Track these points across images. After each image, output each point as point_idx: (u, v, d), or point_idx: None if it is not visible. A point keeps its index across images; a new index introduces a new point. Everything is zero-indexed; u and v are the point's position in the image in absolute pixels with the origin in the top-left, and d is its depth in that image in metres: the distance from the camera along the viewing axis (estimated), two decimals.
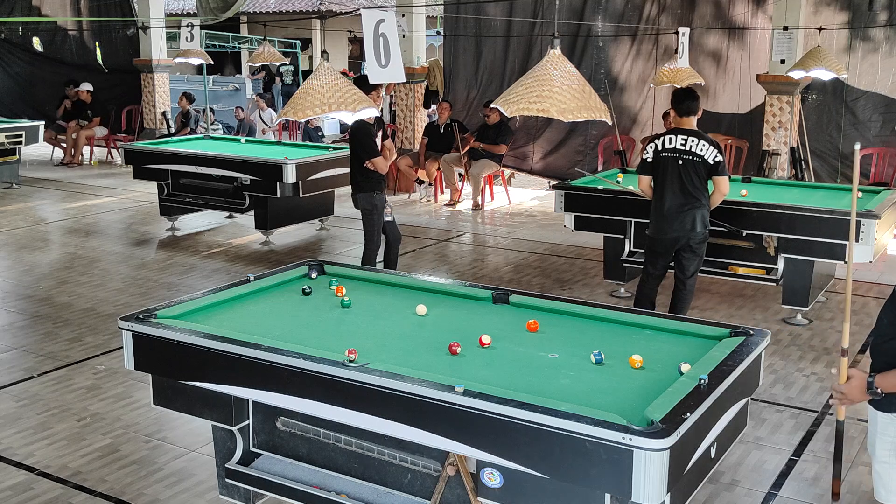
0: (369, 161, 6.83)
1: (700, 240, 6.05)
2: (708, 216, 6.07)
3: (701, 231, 6.02)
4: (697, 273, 6.22)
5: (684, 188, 5.93)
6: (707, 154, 5.90)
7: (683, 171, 5.93)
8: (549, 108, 3.91)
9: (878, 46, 9.78)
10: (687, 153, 5.93)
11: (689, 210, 5.93)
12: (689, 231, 5.97)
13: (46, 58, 16.33)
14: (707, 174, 5.93)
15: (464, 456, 3.16)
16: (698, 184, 5.93)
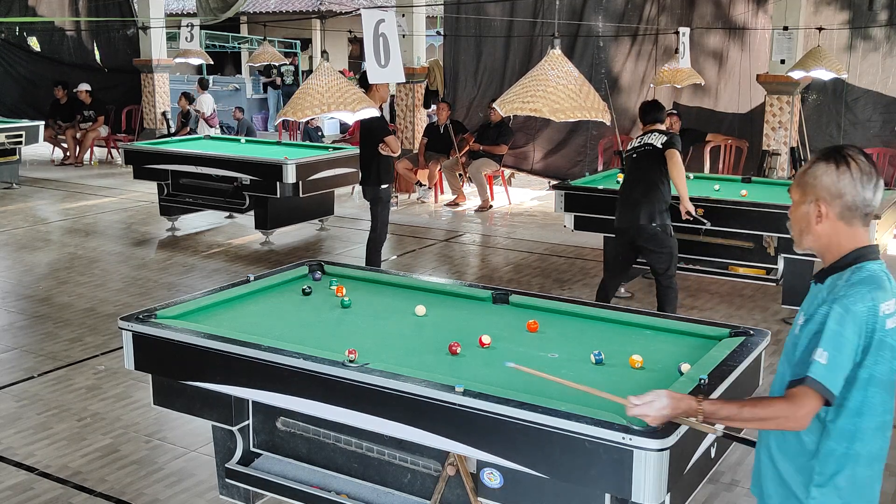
0: (383, 143, 7.02)
1: (650, 234, 6.08)
2: (663, 212, 6.10)
3: (647, 225, 6.07)
4: (671, 271, 6.22)
5: (638, 182, 6.12)
6: (656, 141, 6.10)
7: (638, 165, 6.15)
8: (541, 108, 3.91)
9: (878, 46, 9.79)
10: (641, 146, 6.18)
11: (638, 203, 6.06)
12: (636, 223, 6.08)
13: (46, 58, 16.33)
14: (661, 160, 6.06)
15: (464, 456, 3.16)
16: (653, 177, 6.06)
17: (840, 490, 2.30)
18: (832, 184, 2.26)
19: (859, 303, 2.21)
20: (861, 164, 2.25)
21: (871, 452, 2.30)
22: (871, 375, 2.24)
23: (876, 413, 2.28)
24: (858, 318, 2.19)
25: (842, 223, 2.29)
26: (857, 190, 2.25)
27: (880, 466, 2.35)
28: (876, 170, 2.28)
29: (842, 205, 2.27)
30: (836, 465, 2.30)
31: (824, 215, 2.30)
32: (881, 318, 2.21)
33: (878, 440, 2.31)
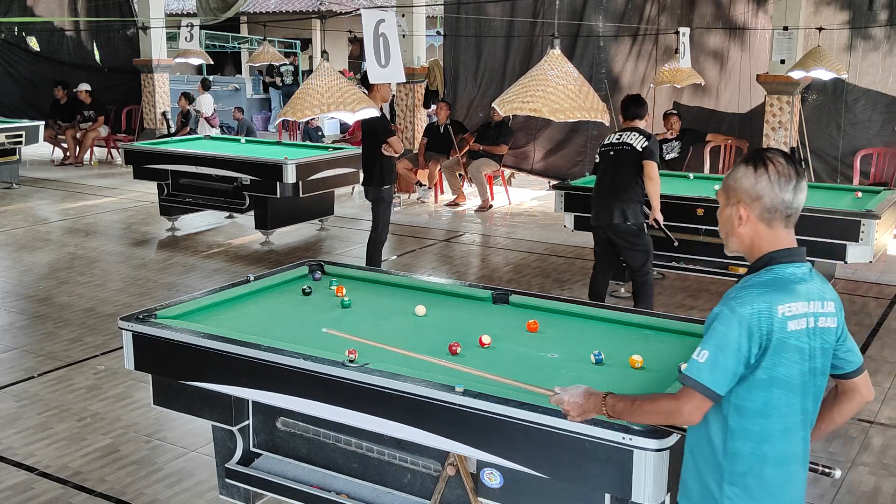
0: (386, 142, 7.05)
1: (624, 232, 6.19)
2: (637, 210, 6.21)
3: (621, 223, 6.18)
4: (647, 267, 6.34)
5: (613, 180, 6.20)
6: (636, 143, 6.17)
7: (614, 163, 6.23)
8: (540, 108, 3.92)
9: (878, 45, 9.78)
10: (619, 144, 6.26)
11: (612, 201, 6.15)
12: (610, 221, 6.19)
13: (46, 58, 16.33)
14: (638, 162, 6.13)
15: (464, 456, 3.16)
16: (628, 175, 6.15)
17: (750, 490, 2.32)
18: (751, 186, 2.30)
19: (747, 305, 2.22)
20: (779, 167, 2.28)
21: (780, 454, 2.31)
22: (773, 377, 2.25)
23: (782, 415, 2.29)
24: (744, 320, 2.21)
25: (762, 225, 2.31)
26: (775, 192, 2.28)
27: (795, 468, 2.35)
28: (797, 172, 2.30)
29: (761, 207, 2.30)
30: (744, 464, 2.31)
31: (745, 218, 2.32)
32: (779, 320, 2.22)
33: (788, 442, 2.32)
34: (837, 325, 2.35)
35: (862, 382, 2.44)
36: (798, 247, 2.33)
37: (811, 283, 2.30)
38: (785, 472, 2.33)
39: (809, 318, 2.27)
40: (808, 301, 2.27)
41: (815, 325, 2.29)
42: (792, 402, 2.29)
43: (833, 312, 2.33)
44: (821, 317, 2.30)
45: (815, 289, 2.31)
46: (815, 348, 2.30)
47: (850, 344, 2.41)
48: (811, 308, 2.28)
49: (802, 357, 2.27)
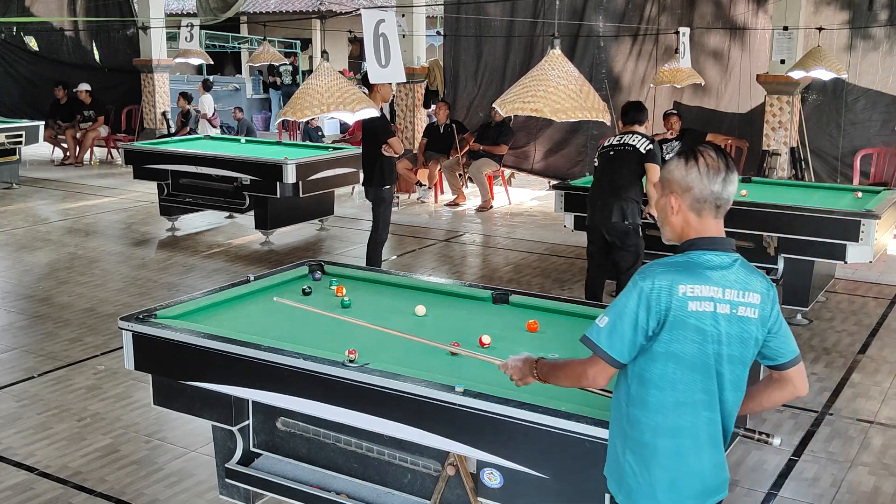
0: (386, 143, 7.06)
1: (621, 232, 6.22)
2: (635, 211, 6.24)
3: (619, 223, 6.19)
4: (634, 269, 6.33)
5: (612, 180, 6.21)
6: (639, 144, 6.20)
7: (614, 162, 6.24)
8: (542, 108, 3.92)
9: (878, 45, 9.78)
10: (620, 145, 6.27)
11: (610, 201, 6.17)
12: (607, 221, 6.22)
13: (46, 58, 16.33)
14: (640, 163, 6.16)
15: (464, 456, 3.16)
16: (628, 175, 6.18)
17: (644, 459, 2.42)
18: (682, 178, 2.42)
19: (649, 279, 2.35)
20: (709, 160, 2.40)
21: (672, 427, 2.40)
22: (669, 351, 2.36)
23: (677, 389, 2.38)
24: (643, 293, 2.34)
25: (692, 214, 2.43)
26: (704, 183, 2.39)
27: (691, 444, 2.42)
28: (727, 165, 2.41)
29: (691, 197, 2.41)
30: (641, 432, 2.42)
31: (676, 208, 2.44)
32: (679, 298, 2.33)
33: (681, 416, 2.39)
34: (761, 316, 2.42)
35: (794, 375, 2.52)
36: (725, 237, 2.43)
37: (729, 272, 2.39)
38: (677, 445, 2.41)
39: (718, 304, 2.36)
40: (719, 287, 2.36)
41: (731, 312, 2.37)
42: (690, 380, 2.38)
43: (756, 304, 2.40)
44: (740, 305, 2.38)
45: (735, 278, 2.39)
46: (728, 334, 2.38)
47: (783, 337, 2.49)
48: (720, 294, 2.36)
49: (704, 338, 2.36)
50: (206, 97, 14.31)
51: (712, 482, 2.47)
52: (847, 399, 5.43)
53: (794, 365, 2.51)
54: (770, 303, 2.44)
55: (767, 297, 2.43)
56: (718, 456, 2.47)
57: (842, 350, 6.27)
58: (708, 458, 2.45)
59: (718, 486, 2.50)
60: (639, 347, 2.38)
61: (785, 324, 2.49)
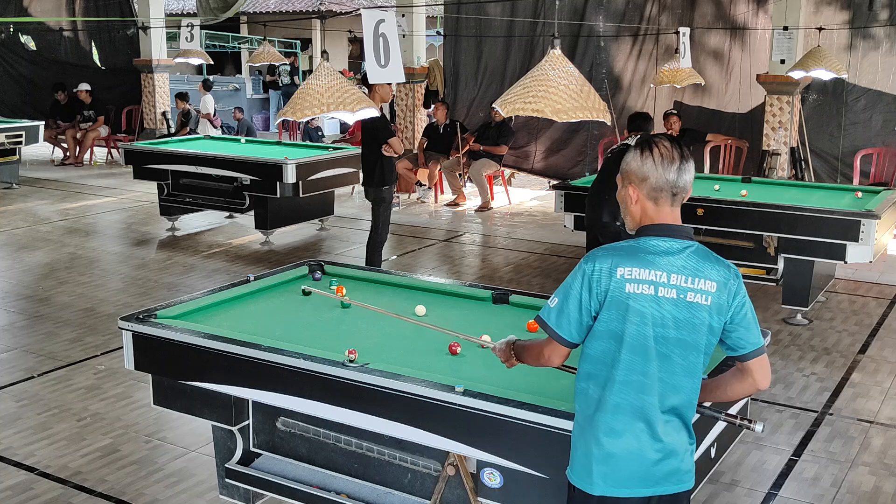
0: (387, 143, 7.07)
1: (613, 232, 6.21)
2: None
3: (610, 223, 6.24)
4: None
5: (605, 180, 6.23)
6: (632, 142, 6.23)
7: (610, 164, 6.29)
8: (543, 109, 3.92)
9: (878, 45, 9.78)
10: (616, 147, 6.38)
11: (603, 201, 6.20)
12: (599, 220, 6.28)
13: (45, 58, 16.32)
14: None
15: (464, 456, 3.16)
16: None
17: (584, 432, 2.53)
18: (638, 168, 2.51)
19: (591, 262, 2.48)
20: (663, 150, 2.49)
21: (610, 403, 2.48)
22: (608, 330, 2.46)
23: (616, 368, 2.46)
24: (584, 275, 2.47)
25: (650, 203, 2.52)
26: (659, 172, 2.48)
27: (628, 422, 2.47)
28: (681, 154, 2.50)
29: (648, 186, 2.50)
30: (584, 405, 2.54)
31: (635, 197, 2.54)
32: (617, 280, 2.43)
33: (619, 394, 2.47)
34: (716, 304, 2.45)
35: (754, 367, 2.54)
36: (679, 225, 2.51)
37: (677, 258, 2.46)
38: (615, 422, 2.48)
39: (661, 288, 2.43)
40: (663, 272, 2.43)
41: (679, 297, 2.43)
42: (628, 360, 2.46)
43: (709, 291, 2.44)
44: (688, 291, 2.44)
45: (683, 265, 2.45)
46: (676, 319, 2.44)
47: (746, 328, 2.51)
48: (664, 279, 2.43)
49: (644, 320, 2.44)
50: (206, 97, 14.33)
51: (656, 470, 2.49)
52: (847, 399, 5.43)
53: (755, 357, 2.53)
54: (730, 293, 2.47)
55: (725, 287, 2.46)
56: (662, 443, 2.49)
57: (842, 350, 6.27)
58: (648, 443, 2.48)
59: (668, 477, 2.51)
60: (586, 327, 2.50)
61: (750, 315, 2.51)
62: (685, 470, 2.54)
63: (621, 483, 2.49)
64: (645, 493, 2.50)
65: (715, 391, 2.66)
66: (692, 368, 2.49)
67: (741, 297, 2.49)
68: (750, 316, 2.51)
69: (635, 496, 2.49)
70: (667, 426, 2.49)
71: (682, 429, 2.53)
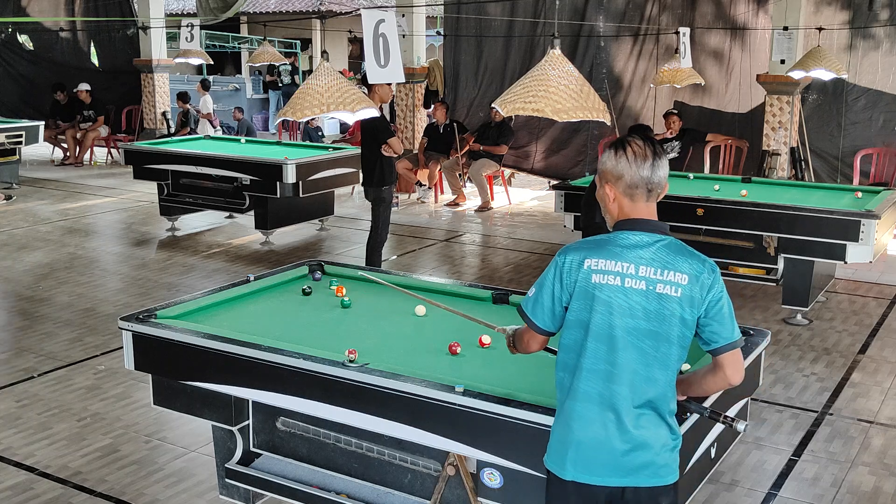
0: (386, 143, 7.08)
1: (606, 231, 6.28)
2: None
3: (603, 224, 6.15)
4: None
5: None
6: None
7: None
8: (543, 108, 3.92)
9: (879, 44, 9.78)
10: None
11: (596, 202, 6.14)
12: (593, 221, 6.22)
13: (45, 58, 16.31)
14: None
15: (464, 456, 3.16)
16: None
17: (558, 417, 2.61)
18: (613, 167, 2.58)
19: (563, 255, 2.58)
20: (636, 149, 2.55)
21: (578, 390, 2.54)
22: (577, 319, 2.54)
23: (584, 356, 2.53)
24: (557, 267, 2.57)
25: (626, 200, 2.58)
26: (633, 170, 2.54)
27: (595, 410, 2.52)
28: (654, 151, 2.56)
29: (624, 184, 2.56)
30: (561, 393, 2.61)
31: (612, 196, 2.61)
32: (584, 271, 2.52)
33: (586, 382, 2.53)
34: (687, 297, 2.48)
35: (726, 362, 2.57)
36: (652, 220, 2.57)
37: (646, 251, 2.51)
38: (583, 410, 2.53)
39: (628, 279, 2.49)
40: (631, 264, 2.49)
41: (648, 288, 2.48)
42: (595, 349, 2.52)
43: (680, 283, 2.48)
44: (658, 283, 2.48)
45: (653, 257, 2.50)
46: (645, 310, 2.48)
47: (720, 323, 2.53)
48: (632, 270, 2.49)
49: (611, 311, 2.49)
50: (205, 97, 14.32)
51: (626, 461, 2.51)
52: (847, 399, 5.43)
53: (727, 351, 2.55)
54: (703, 286, 2.50)
55: (697, 280, 2.49)
56: (630, 434, 2.51)
57: (842, 350, 6.27)
58: (616, 432, 2.51)
59: (641, 469, 2.52)
60: (559, 317, 2.59)
61: (726, 311, 2.54)
62: (661, 464, 2.55)
63: (590, 470, 2.53)
64: (615, 482, 2.53)
65: (690, 385, 2.69)
66: (665, 360, 2.51)
67: (716, 291, 2.52)
68: (726, 311, 2.54)
69: (606, 485, 2.53)
70: (640, 419, 2.51)
71: (660, 423, 2.54)
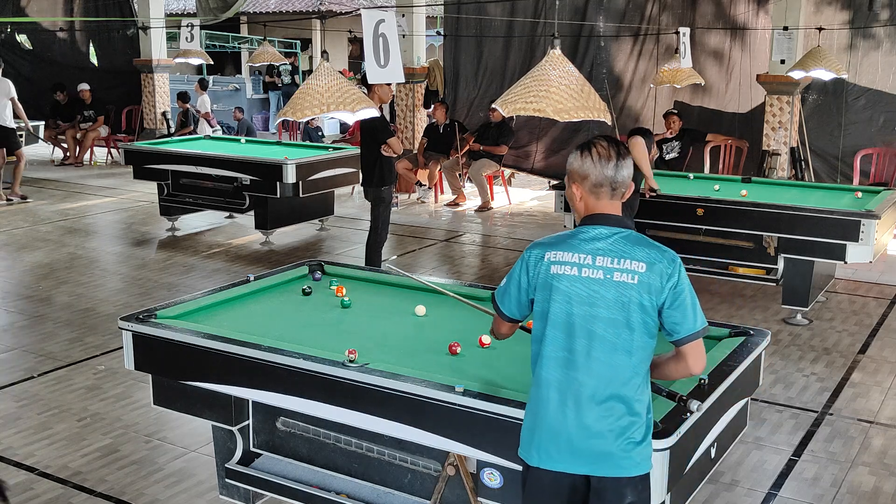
0: (386, 144, 7.08)
1: None
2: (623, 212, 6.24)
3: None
4: None
5: None
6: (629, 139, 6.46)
7: None
8: (545, 108, 3.92)
9: (879, 44, 9.78)
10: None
11: None
12: None
13: (45, 59, 16.30)
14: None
15: (464, 456, 3.16)
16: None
17: (528, 405, 2.73)
18: (579, 168, 2.70)
19: (529, 250, 2.72)
20: (600, 149, 2.68)
21: (539, 377, 2.66)
22: (541, 310, 2.67)
23: (545, 344, 2.65)
24: (524, 260, 2.72)
25: (592, 198, 2.70)
26: (598, 170, 2.66)
27: (553, 395, 2.62)
28: (618, 151, 2.68)
29: (589, 183, 2.68)
30: (533, 382, 2.71)
31: (579, 195, 2.72)
32: (545, 264, 2.65)
33: (545, 369, 2.64)
34: (644, 284, 2.57)
35: (688, 351, 2.65)
36: (612, 214, 2.68)
37: (603, 242, 2.63)
38: (543, 395, 2.65)
39: (585, 269, 2.60)
40: (588, 255, 2.61)
41: (606, 277, 2.59)
42: (554, 336, 2.64)
43: (636, 271, 2.58)
44: (615, 271, 2.59)
45: (610, 248, 2.61)
46: (604, 298, 2.58)
47: (681, 313, 2.61)
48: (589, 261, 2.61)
49: (570, 300, 2.61)
50: (203, 97, 14.33)
51: (584, 447, 2.58)
52: (847, 399, 5.43)
53: (689, 342, 2.63)
54: (662, 275, 2.58)
55: (654, 269, 2.57)
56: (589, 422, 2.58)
57: (842, 350, 6.27)
58: (574, 418, 2.59)
59: (601, 459, 2.57)
60: (525, 306, 2.75)
61: (687, 301, 2.61)
62: (623, 456, 2.58)
63: (552, 457, 2.62)
64: (576, 469, 2.60)
65: (655, 371, 2.74)
66: (627, 346, 2.58)
67: (676, 280, 2.59)
68: (688, 302, 2.61)
69: (567, 472, 2.61)
70: (601, 408, 2.58)
71: (624, 414, 2.58)
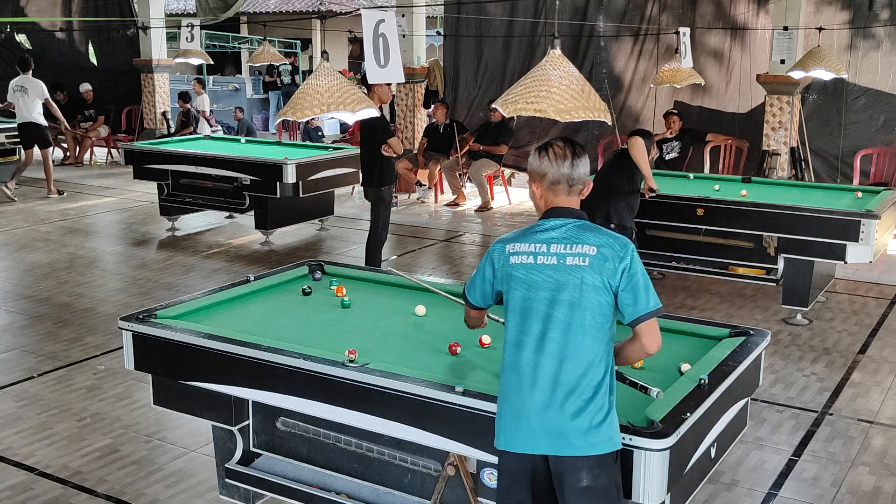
0: (386, 144, 7.09)
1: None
2: (622, 210, 6.38)
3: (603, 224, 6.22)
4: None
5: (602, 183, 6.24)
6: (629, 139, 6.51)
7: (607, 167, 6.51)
8: (545, 109, 3.92)
9: (879, 44, 9.78)
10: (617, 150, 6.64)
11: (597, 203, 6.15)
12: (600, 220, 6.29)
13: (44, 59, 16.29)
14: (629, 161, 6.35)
15: (464, 456, 3.16)
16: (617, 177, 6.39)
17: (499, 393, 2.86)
18: (538, 167, 2.87)
19: (494, 244, 2.89)
20: (557, 150, 2.85)
21: (505, 362, 2.82)
22: (506, 300, 2.85)
23: (509, 331, 2.82)
24: (490, 254, 2.90)
25: (550, 194, 2.86)
26: (554, 168, 2.83)
27: (514, 379, 2.77)
28: (573, 150, 2.85)
29: (547, 181, 2.85)
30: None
31: (539, 193, 2.88)
32: (506, 255, 2.84)
33: (509, 354, 2.80)
34: (595, 266, 2.71)
35: (642, 331, 2.78)
36: (567, 208, 2.84)
37: (556, 232, 2.79)
38: (507, 379, 2.80)
39: (540, 257, 2.77)
40: (543, 244, 2.78)
41: (559, 262, 2.74)
42: (514, 322, 2.80)
43: (587, 254, 2.74)
44: (567, 256, 2.75)
45: (562, 236, 2.77)
46: (560, 282, 2.73)
47: (634, 295, 2.74)
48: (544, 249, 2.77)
49: (529, 287, 2.77)
50: (202, 96, 14.33)
51: (540, 426, 2.70)
52: (847, 399, 5.43)
53: (643, 321, 2.76)
54: (614, 257, 2.73)
55: (605, 250, 2.73)
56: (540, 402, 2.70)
57: (842, 350, 6.27)
58: (530, 398, 2.72)
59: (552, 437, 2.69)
60: (489, 296, 2.95)
61: (640, 283, 2.74)
62: (577, 435, 2.66)
63: (513, 438, 2.75)
64: (534, 450, 2.72)
65: (615, 358, 2.84)
66: (581, 327, 2.71)
67: (629, 263, 2.73)
68: (640, 284, 2.74)
69: (526, 452, 2.74)
70: (558, 387, 2.69)
71: (580, 393, 2.68)
